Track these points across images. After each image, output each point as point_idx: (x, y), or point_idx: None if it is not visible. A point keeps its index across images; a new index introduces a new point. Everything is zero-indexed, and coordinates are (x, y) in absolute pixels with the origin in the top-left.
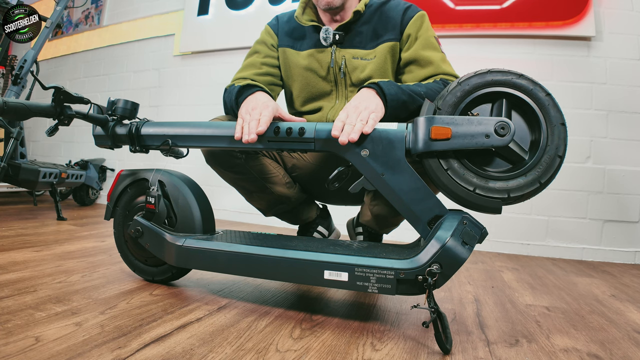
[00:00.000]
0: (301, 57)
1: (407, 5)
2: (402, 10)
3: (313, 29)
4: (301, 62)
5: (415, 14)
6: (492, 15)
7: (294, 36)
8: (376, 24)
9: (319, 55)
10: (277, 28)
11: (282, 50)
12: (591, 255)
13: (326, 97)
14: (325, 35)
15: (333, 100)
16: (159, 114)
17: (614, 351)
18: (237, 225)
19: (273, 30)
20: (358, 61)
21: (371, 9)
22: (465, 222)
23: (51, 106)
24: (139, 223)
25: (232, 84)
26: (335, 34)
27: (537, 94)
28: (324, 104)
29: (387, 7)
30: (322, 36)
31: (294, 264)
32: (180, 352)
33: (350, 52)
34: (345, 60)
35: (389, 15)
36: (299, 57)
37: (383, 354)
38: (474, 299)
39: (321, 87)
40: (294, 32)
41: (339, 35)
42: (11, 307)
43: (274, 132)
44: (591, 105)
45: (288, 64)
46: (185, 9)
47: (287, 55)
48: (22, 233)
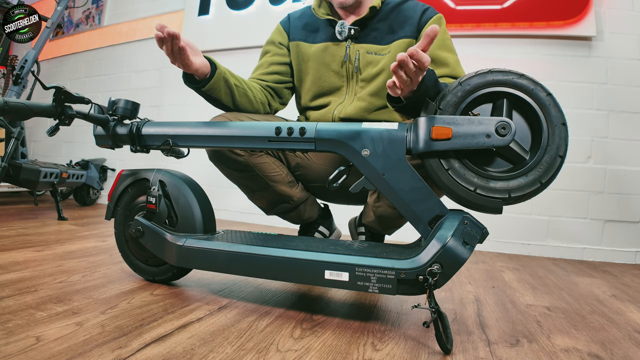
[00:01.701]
0: (313, 49)
1: (426, 7)
2: (421, 10)
3: (328, 22)
4: (313, 54)
5: (435, 15)
6: (493, 15)
7: (308, 29)
8: (393, 21)
9: (333, 49)
10: (289, 25)
11: (294, 44)
12: (592, 255)
13: (336, 92)
14: (341, 29)
15: (342, 95)
16: (159, 114)
17: (615, 351)
18: (237, 225)
19: (284, 27)
20: (372, 56)
21: (389, 6)
22: (466, 222)
23: (52, 106)
24: (140, 223)
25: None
26: (351, 29)
27: (538, 93)
28: (332, 99)
29: (405, 6)
30: (338, 30)
31: (295, 264)
32: (181, 352)
33: (365, 47)
34: (359, 55)
35: (407, 13)
36: (312, 49)
37: (384, 354)
38: (474, 299)
39: (332, 81)
40: (307, 26)
41: (355, 30)
42: (12, 307)
43: (275, 131)
44: (592, 105)
45: (301, 57)
46: (186, 9)
47: (300, 48)
48: (23, 233)
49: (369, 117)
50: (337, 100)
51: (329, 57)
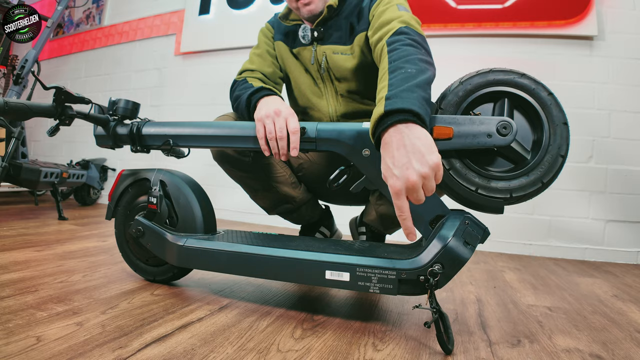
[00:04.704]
0: (290, 53)
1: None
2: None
3: (299, 27)
4: (291, 58)
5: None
6: (494, 14)
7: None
8: (353, 18)
9: (303, 54)
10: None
11: (277, 44)
12: (593, 255)
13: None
14: (303, 33)
15: (324, 98)
16: (160, 113)
17: (616, 351)
18: (238, 225)
19: (271, 26)
20: (339, 56)
21: (351, 5)
22: (467, 222)
23: (52, 106)
24: (141, 223)
25: (242, 77)
26: (314, 31)
27: (539, 93)
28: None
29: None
30: (301, 35)
31: (296, 264)
32: (182, 352)
33: (331, 48)
34: (327, 57)
35: (362, 6)
36: (289, 53)
37: (385, 354)
38: (475, 299)
39: (309, 84)
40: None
41: (318, 32)
42: (12, 307)
43: None
44: (593, 104)
45: (283, 59)
46: (187, 8)
47: (281, 49)
48: (23, 233)
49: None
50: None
51: (301, 62)
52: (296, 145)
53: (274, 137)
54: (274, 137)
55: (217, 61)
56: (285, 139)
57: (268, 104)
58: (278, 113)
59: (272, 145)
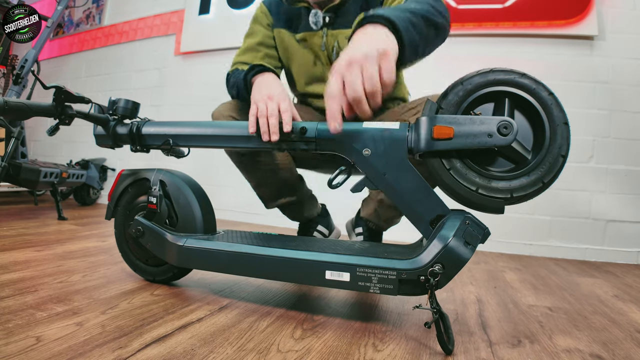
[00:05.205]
0: (295, 39)
1: None
2: None
3: (305, 10)
4: (296, 44)
5: None
6: (495, 14)
7: (289, 16)
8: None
9: (312, 40)
10: (270, 7)
11: (277, 31)
12: (594, 256)
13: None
14: (315, 19)
15: None
16: (160, 113)
17: (617, 352)
18: (238, 225)
19: (267, 8)
20: None
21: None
22: (468, 222)
23: (52, 106)
24: (140, 223)
25: (234, 68)
26: (325, 17)
27: (540, 93)
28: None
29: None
30: (312, 20)
31: (296, 264)
32: (182, 352)
33: (344, 33)
34: (338, 42)
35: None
36: (293, 39)
37: (385, 355)
38: (476, 300)
39: (318, 70)
40: (288, 12)
41: (329, 17)
42: (12, 307)
43: None
44: (594, 104)
45: (285, 46)
46: (187, 8)
47: (283, 36)
48: (23, 233)
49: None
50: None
51: (310, 48)
52: (288, 122)
53: (265, 115)
54: (265, 115)
55: (217, 61)
56: (275, 117)
57: (260, 87)
58: (271, 97)
59: (261, 123)
